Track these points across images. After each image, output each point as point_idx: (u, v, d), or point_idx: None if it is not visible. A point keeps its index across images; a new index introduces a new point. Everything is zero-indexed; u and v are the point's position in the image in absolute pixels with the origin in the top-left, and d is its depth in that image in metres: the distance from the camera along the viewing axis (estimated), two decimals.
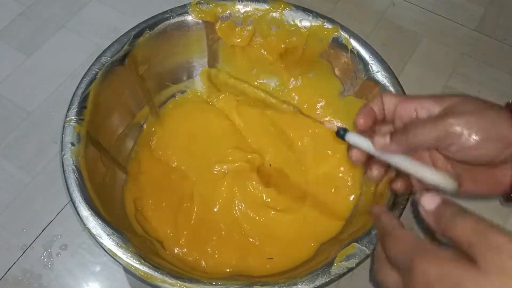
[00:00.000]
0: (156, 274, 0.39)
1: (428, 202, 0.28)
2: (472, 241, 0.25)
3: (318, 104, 0.58)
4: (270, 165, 0.56)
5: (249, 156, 0.55)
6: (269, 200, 0.53)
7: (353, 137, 0.36)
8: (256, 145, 0.57)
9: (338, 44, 0.52)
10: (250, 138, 0.57)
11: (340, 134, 0.36)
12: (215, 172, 0.54)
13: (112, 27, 0.69)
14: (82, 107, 0.47)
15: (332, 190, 0.53)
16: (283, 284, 0.39)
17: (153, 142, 0.56)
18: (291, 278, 0.40)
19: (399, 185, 0.37)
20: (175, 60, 0.56)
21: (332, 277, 0.39)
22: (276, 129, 0.57)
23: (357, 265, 0.40)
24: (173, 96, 0.59)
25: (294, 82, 0.58)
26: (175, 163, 0.55)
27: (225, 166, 0.55)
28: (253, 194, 0.53)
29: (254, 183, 0.53)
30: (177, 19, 0.53)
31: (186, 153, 0.56)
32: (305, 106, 0.58)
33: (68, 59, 0.66)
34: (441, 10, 0.72)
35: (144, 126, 0.56)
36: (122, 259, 0.40)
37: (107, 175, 0.49)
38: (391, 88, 0.49)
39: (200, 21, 0.54)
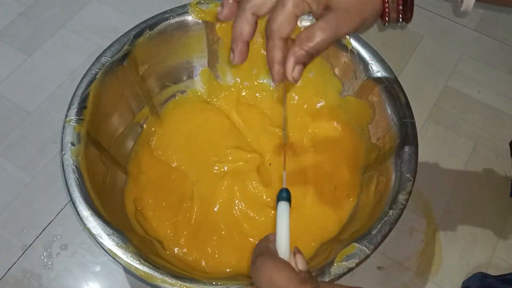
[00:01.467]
0: (156, 274, 0.39)
1: None
2: None
3: (318, 104, 0.58)
4: (270, 164, 0.56)
5: (249, 156, 0.55)
6: (269, 199, 0.53)
7: (282, 209, 0.34)
8: (256, 144, 0.57)
9: (338, 44, 0.52)
10: (250, 138, 0.57)
11: (280, 196, 0.35)
12: (215, 172, 0.54)
13: (112, 27, 0.69)
14: (82, 107, 0.47)
15: (332, 190, 0.53)
16: None
17: (153, 142, 0.56)
18: None
19: None
20: (175, 60, 0.56)
21: (332, 277, 0.39)
22: (275, 128, 0.57)
23: (357, 265, 0.40)
24: (173, 96, 0.59)
25: None
26: (175, 163, 0.55)
27: (225, 166, 0.55)
28: (253, 193, 0.53)
29: (254, 182, 0.53)
30: (177, 19, 0.53)
31: (186, 153, 0.56)
32: (305, 106, 0.58)
33: (68, 59, 0.66)
34: (441, 10, 0.73)
35: (144, 126, 0.56)
36: (122, 259, 0.40)
37: (107, 175, 0.49)
38: (392, 88, 0.49)
39: (200, 21, 0.54)
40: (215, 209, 0.52)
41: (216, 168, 0.55)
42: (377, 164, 0.50)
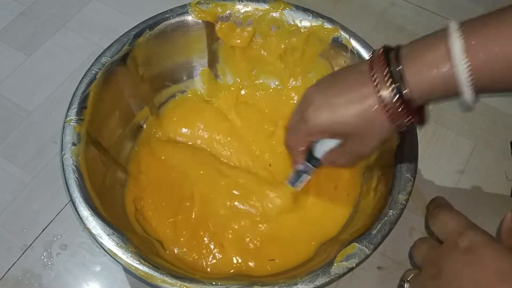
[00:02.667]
0: (156, 274, 0.39)
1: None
2: None
3: None
4: (270, 165, 0.56)
5: (248, 155, 0.55)
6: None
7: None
8: (255, 144, 0.57)
9: (338, 44, 0.52)
10: (249, 137, 0.57)
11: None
12: (215, 171, 0.54)
13: (112, 27, 0.69)
14: (82, 107, 0.47)
15: (332, 190, 0.53)
16: (283, 284, 0.39)
17: (153, 142, 0.56)
18: (291, 278, 0.40)
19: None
20: (175, 60, 0.56)
21: (332, 277, 0.39)
22: (275, 128, 0.57)
23: (357, 265, 0.40)
24: (173, 96, 0.59)
25: (294, 82, 0.58)
26: (175, 163, 0.55)
27: (225, 166, 0.55)
28: (253, 193, 0.53)
29: (254, 182, 0.53)
30: (177, 19, 0.53)
31: (186, 153, 0.56)
32: None
33: (68, 59, 0.66)
34: (441, 10, 0.72)
35: (144, 126, 0.56)
36: (122, 259, 0.40)
37: (107, 175, 0.49)
38: None
39: (200, 21, 0.54)
40: (215, 209, 0.52)
41: (216, 168, 0.55)
42: (377, 164, 0.50)
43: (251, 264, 0.49)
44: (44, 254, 0.53)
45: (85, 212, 0.42)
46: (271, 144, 0.56)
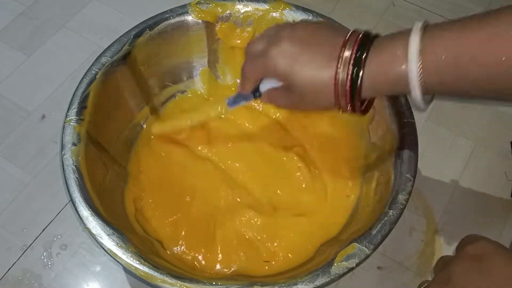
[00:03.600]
0: (156, 274, 0.39)
1: None
2: None
3: None
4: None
5: (248, 153, 0.55)
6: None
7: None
8: (255, 145, 0.57)
9: None
10: (248, 136, 0.57)
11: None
12: (215, 171, 0.54)
13: (112, 27, 0.69)
14: (82, 107, 0.47)
15: (332, 191, 0.53)
16: (283, 284, 0.39)
17: (153, 140, 0.56)
18: (291, 278, 0.40)
19: None
20: (175, 60, 0.56)
21: (332, 277, 0.39)
22: (273, 126, 0.57)
23: (357, 265, 0.40)
24: (173, 96, 0.59)
25: None
26: (175, 163, 0.55)
27: (225, 164, 0.55)
28: (253, 190, 0.53)
29: (254, 180, 0.53)
30: (177, 19, 0.53)
31: (186, 153, 0.56)
32: None
33: (68, 59, 0.66)
34: (441, 10, 0.73)
35: (144, 126, 0.56)
36: (122, 259, 0.40)
37: (107, 175, 0.49)
38: None
39: (200, 21, 0.54)
40: (216, 203, 0.52)
41: (216, 167, 0.55)
42: (377, 164, 0.50)
43: (251, 263, 0.49)
44: (44, 254, 0.53)
45: (85, 212, 0.42)
46: (272, 142, 0.56)
